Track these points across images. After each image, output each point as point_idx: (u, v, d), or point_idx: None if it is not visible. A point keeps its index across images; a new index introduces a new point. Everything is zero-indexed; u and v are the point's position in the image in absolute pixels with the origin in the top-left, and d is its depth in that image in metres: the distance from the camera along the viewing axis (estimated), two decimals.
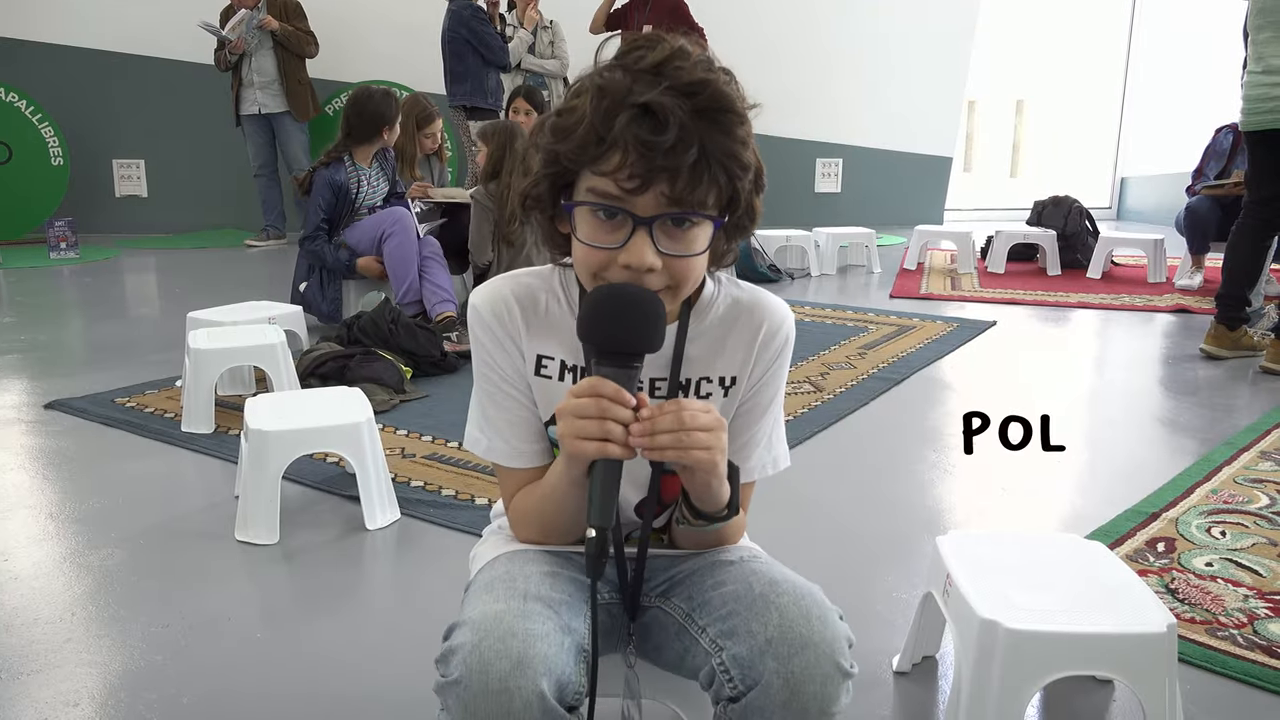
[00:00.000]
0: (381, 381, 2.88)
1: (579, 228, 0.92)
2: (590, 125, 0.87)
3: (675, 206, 0.87)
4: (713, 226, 0.91)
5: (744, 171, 0.90)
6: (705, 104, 0.86)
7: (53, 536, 1.98)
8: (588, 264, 0.92)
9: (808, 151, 8.13)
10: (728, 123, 0.87)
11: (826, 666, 0.86)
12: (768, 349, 1.02)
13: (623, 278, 0.90)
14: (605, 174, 0.87)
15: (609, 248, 0.89)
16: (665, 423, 0.86)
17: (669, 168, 0.85)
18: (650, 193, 0.86)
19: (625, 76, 0.87)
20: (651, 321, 0.87)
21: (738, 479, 0.96)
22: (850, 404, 2.91)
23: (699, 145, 0.85)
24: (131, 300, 4.95)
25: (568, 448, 0.88)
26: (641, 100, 0.85)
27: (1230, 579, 1.75)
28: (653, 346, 0.88)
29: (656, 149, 0.84)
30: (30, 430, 2.67)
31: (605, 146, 0.86)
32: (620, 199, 0.87)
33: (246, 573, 1.84)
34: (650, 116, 0.84)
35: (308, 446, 2.05)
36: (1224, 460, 2.39)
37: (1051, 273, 5.55)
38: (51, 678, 1.46)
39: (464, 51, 5.67)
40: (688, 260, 0.91)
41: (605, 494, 0.86)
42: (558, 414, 0.88)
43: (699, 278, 0.94)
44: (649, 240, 0.88)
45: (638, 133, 0.84)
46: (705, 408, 0.89)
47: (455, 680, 0.82)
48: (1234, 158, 4.87)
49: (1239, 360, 3.49)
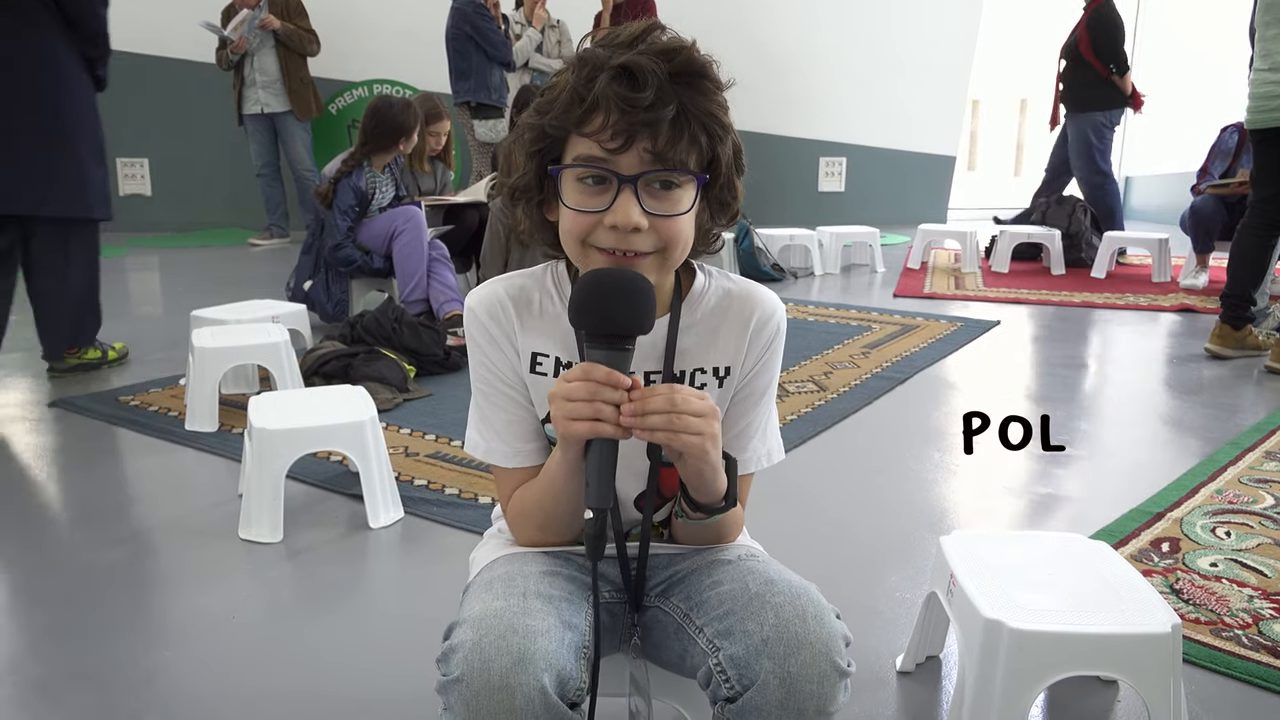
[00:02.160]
0: (385, 380, 2.89)
1: (566, 195, 0.93)
2: (572, 89, 0.90)
3: (659, 164, 0.89)
4: (696, 185, 0.93)
5: (724, 132, 0.92)
6: (681, 67, 0.89)
7: (56, 535, 1.98)
8: (575, 230, 0.93)
9: (811, 150, 8.13)
10: (703, 86, 0.90)
11: (823, 665, 0.86)
12: (759, 338, 1.03)
13: (610, 240, 0.91)
14: (588, 135, 0.90)
15: (595, 210, 0.91)
16: (657, 403, 0.86)
17: (650, 122, 0.87)
18: (633, 150, 0.89)
19: (604, 50, 0.91)
20: (640, 301, 0.88)
21: (735, 471, 0.97)
22: (854, 403, 2.90)
23: (677, 103, 0.88)
24: (135, 299, 4.95)
25: (561, 430, 0.89)
26: (620, 61, 0.88)
27: (1235, 579, 1.74)
28: (643, 328, 0.89)
29: (637, 104, 0.87)
30: (34, 429, 2.67)
31: (587, 107, 0.89)
32: (605, 160, 0.89)
33: (250, 571, 1.84)
34: (629, 76, 0.87)
35: (311, 445, 2.05)
36: (1229, 460, 2.38)
37: (1056, 272, 5.54)
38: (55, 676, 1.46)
39: (467, 48, 5.67)
40: (674, 221, 0.92)
41: (602, 474, 0.86)
42: (550, 399, 0.89)
43: (686, 244, 0.95)
44: (634, 199, 0.90)
45: (618, 90, 0.87)
46: (698, 394, 0.90)
47: (456, 678, 0.82)
48: (1239, 156, 4.86)
49: (1244, 360, 3.48)
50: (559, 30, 6.23)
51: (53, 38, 2.89)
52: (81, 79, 3.01)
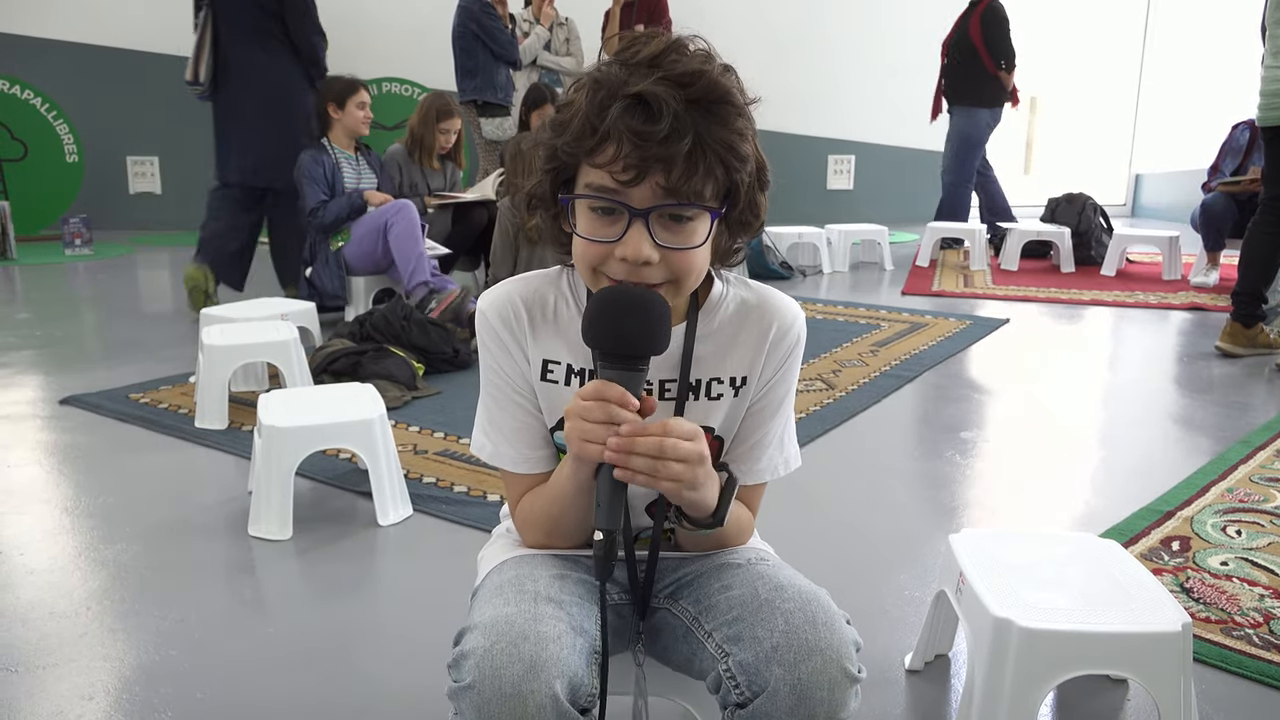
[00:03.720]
0: (394, 378, 2.89)
1: (578, 222, 0.92)
2: (585, 117, 0.87)
3: (671, 198, 0.86)
4: (711, 218, 0.90)
5: (741, 163, 0.89)
6: (699, 94, 0.85)
7: (68, 531, 1.99)
8: (586, 258, 0.91)
9: (820, 148, 8.11)
10: (723, 113, 0.87)
11: (834, 672, 0.85)
12: (778, 348, 1.01)
13: (621, 271, 0.89)
14: (600, 166, 0.87)
15: (606, 241, 0.89)
16: (645, 446, 0.85)
17: (663, 157, 0.84)
18: (645, 184, 0.86)
19: (621, 70, 0.87)
20: (655, 323, 0.87)
21: (731, 492, 0.95)
22: (862, 401, 2.90)
23: (693, 135, 0.85)
24: (145, 296, 4.97)
25: (574, 450, 0.88)
26: (634, 90, 0.84)
27: (1246, 578, 1.74)
28: (656, 349, 0.88)
29: (650, 139, 0.84)
30: (45, 426, 2.69)
31: (599, 138, 0.86)
32: (616, 191, 0.87)
33: (259, 568, 1.84)
34: (643, 106, 0.84)
35: (320, 442, 2.05)
36: (1240, 459, 2.37)
37: (1065, 270, 5.52)
38: (67, 671, 1.47)
39: (474, 47, 5.67)
40: (686, 253, 0.90)
41: (613, 498, 0.85)
42: (566, 415, 0.88)
43: (700, 272, 0.93)
44: (645, 232, 0.87)
45: (630, 123, 0.84)
46: (691, 433, 0.87)
47: (468, 685, 0.82)
48: (1250, 154, 4.84)
49: (1255, 358, 3.47)
50: (567, 28, 6.23)
51: (288, 62, 4.21)
52: (304, 89, 4.23)
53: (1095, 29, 9.41)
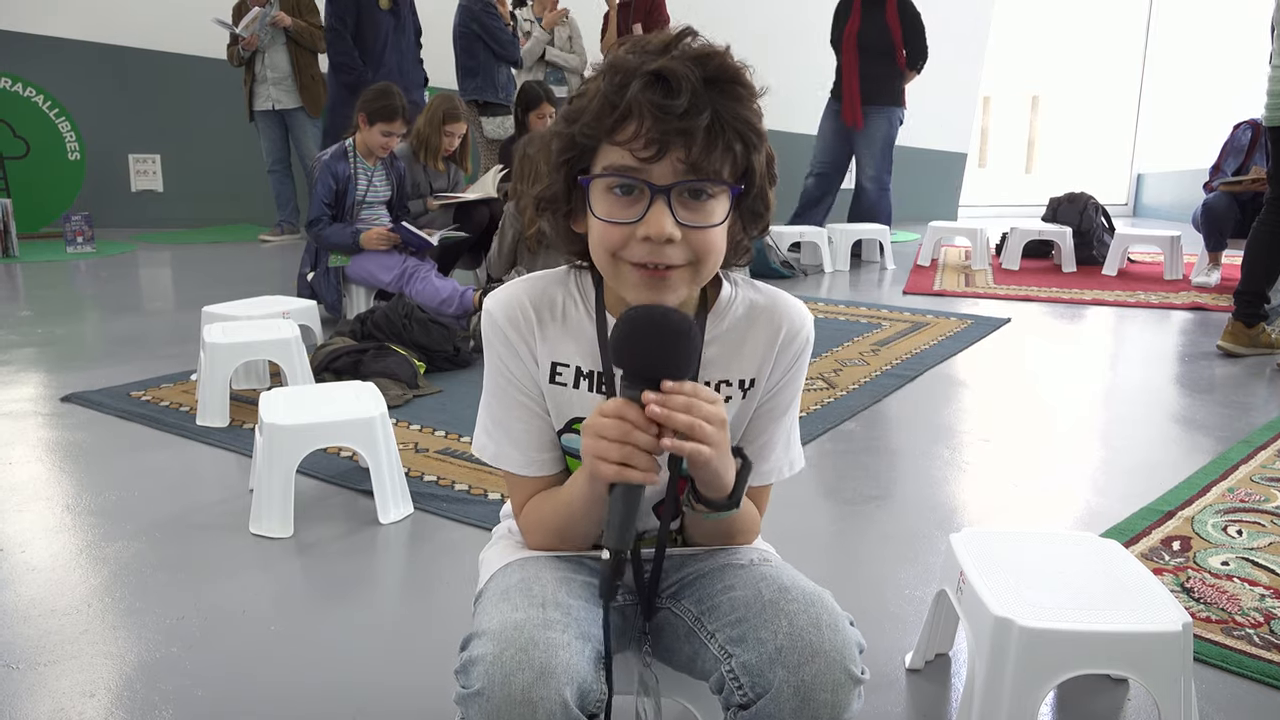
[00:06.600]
0: (395, 376, 2.89)
1: (596, 206, 0.91)
2: (604, 97, 0.88)
3: (692, 174, 0.87)
4: (730, 196, 0.90)
5: (758, 140, 0.90)
6: (715, 72, 0.87)
7: (69, 528, 1.99)
8: (606, 242, 0.91)
9: None
10: (738, 93, 0.88)
11: (837, 674, 0.85)
12: (787, 351, 1.01)
13: (642, 253, 0.89)
14: (621, 143, 0.87)
15: (628, 222, 0.89)
16: (677, 403, 0.85)
17: (684, 130, 0.85)
18: (667, 160, 0.86)
19: (635, 56, 0.88)
20: (685, 346, 0.86)
21: (746, 475, 0.95)
22: (863, 400, 2.90)
23: (711, 111, 0.86)
24: (147, 294, 4.97)
25: (589, 466, 0.88)
26: (653, 68, 0.85)
27: (1246, 578, 1.73)
28: (684, 373, 0.87)
29: (670, 112, 0.84)
30: (46, 423, 2.69)
31: (619, 115, 0.87)
32: (637, 169, 0.87)
33: (260, 566, 1.84)
34: (663, 82, 0.85)
35: (322, 441, 2.06)
36: (1241, 459, 2.37)
37: (1067, 269, 5.52)
38: (68, 668, 1.47)
39: (474, 46, 5.67)
40: (706, 233, 0.90)
41: (624, 519, 0.85)
42: (583, 430, 0.88)
43: (719, 255, 0.93)
44: (667, 210, 0.87)
45: (651, 97, 0.85)
46: (713, 397, 0.88)
47: (477, 692, 0.82)
48: (1252, 153, 4.84)
49: (1257, 358, 3.46)
50: (569, 26, 6.23)
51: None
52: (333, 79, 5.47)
53: (1097, 28, 9.41)
